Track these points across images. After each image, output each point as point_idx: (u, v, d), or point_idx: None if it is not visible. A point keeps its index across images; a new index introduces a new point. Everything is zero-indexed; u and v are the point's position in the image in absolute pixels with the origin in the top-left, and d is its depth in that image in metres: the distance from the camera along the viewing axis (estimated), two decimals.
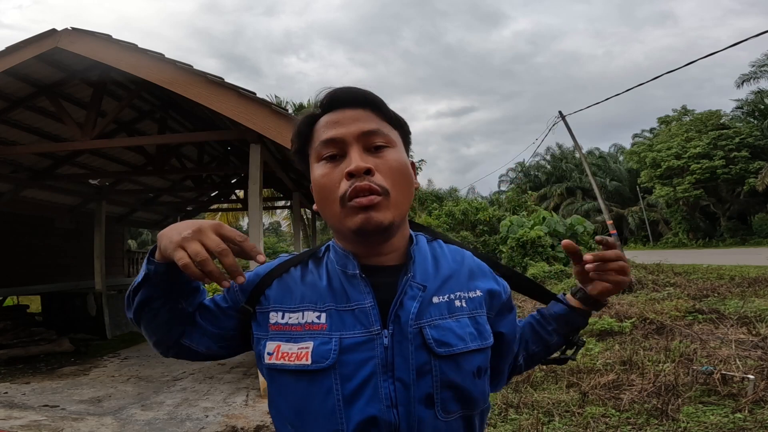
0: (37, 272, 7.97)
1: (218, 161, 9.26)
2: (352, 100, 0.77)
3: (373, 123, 0.76)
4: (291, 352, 0.72)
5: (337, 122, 0.75)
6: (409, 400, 0.69)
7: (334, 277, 0.78)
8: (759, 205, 25.90)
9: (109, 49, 4.36)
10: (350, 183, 0.70)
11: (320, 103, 0.79)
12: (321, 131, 0.77)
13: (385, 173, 0.73)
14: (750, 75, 24.73)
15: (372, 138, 0.75)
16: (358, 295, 0.74)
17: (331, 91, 0.78)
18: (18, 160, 6.89)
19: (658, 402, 3.22)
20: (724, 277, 8.98)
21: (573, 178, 36.59)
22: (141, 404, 4.31)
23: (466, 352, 0.73)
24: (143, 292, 0.75)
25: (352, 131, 0.74)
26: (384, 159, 0.74)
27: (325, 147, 0.75)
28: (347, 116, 0.76)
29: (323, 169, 0.75)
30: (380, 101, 0.78)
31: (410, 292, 0.74)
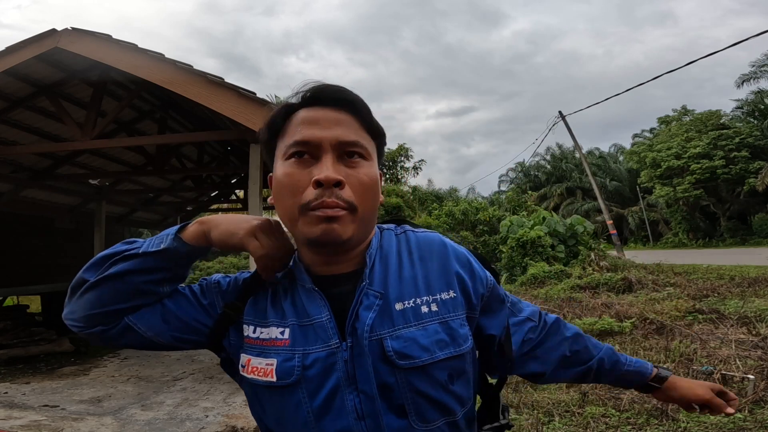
0: (37, 272, 7.97)
1: (218, 161, 9.26)
2: (336, 100, 0.72)
3: (352, 133, 0.71)
4: (260, 367, 0.71)
5: (316, 122, 0.70)
6: (375, 412, 0.68)
7: (297, 290, 0.75)
8: (759, 205, 25.89)
9: (109, 49, 4.36)
10: (317, 194, 0.67)
11: (301, 96, 0.74)
12: (296, 127, 0.72)
13: (355, 188, 0.69)
14: (750, 75, 24.74)
15: (348, 147, 0.70)
16: (315, 309, 0.72)
17: (317, 85, 0.74)
18: (18, 160, 6.89)
19: (658, 402, 3.22)
20: (724, 277, 8.97)
21: (573, 178, 36.58)
22: (141, 404, 4.32)
23: (434, 362, 0.69)
24: (136, 263, 0.71)
25: (329, 137, 0.69)
26: (356, 172, 0.70)
27: (297, 146, 0.70)
28: (327, 117, 0.71)
29: (289, 168, 0.70)
30: (365, 108, 0.74)
31: (366, 302, 0.71)
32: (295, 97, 0.75)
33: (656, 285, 8.18)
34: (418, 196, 21.07)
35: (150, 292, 0.74)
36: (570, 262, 10.93)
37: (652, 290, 7.77)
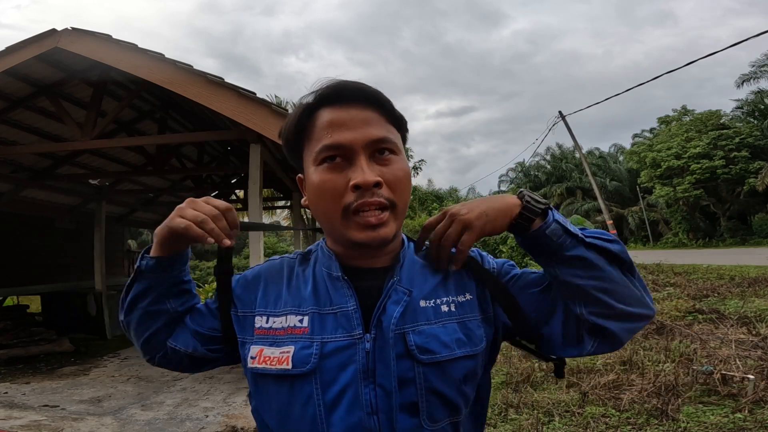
0: (37, 272, 7.97)
1: (218, 161, 9.26)
2: (360, 97, 0.71)
3: (381, 128, 0.71)
4: (273, 356, 0.71)
5: (344, 124, 0.70)
6: (390, 408, 0.67)
7: (320, 279, 0.76)
8: (759, 205, 25.89)
9: (109, 49, 4.36)
10: (357, 195, 0.68)
11: (322, 94, 0.72)
12: (324, 130, 0.71)
13: (391, 183, 0.70)
14: (750, 75, 24.73)
15: (379, 144, 0.70)
16: (341, 298, 0.73)
17: (338, 82, 0.72)
18: (18, 160, 6.88)
19: (658, 402, 3.22)
20: (724, 277, 8.98)
21: (573, 178, 36.57)
22: (141, 404, 4.32)
23: (452, 359, 0.70)
24: (136, 287, 0.79)
25: (360, 138, 0.69)
26: (390, 168, 0.71)
27: (329, 150, 0.70)
28: (354, 117, 0.70)
29: (325, 174, 0.70)
30: (388, 101, 0.74)
31: (395, 296, 0.72)
32: (312, 96, 0.73)
33: (656, 285, 8.18)
34: (418, 197, 21.08)
35: (159, 312, 0.80)
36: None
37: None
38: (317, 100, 0.72)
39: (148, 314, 0.80)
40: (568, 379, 3.89)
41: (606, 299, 0.69)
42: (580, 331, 0.73)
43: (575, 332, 0.73)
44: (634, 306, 0.71)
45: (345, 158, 0.70)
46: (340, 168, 0.70)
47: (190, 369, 0.86)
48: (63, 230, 8.76)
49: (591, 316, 0.70)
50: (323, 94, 0.72)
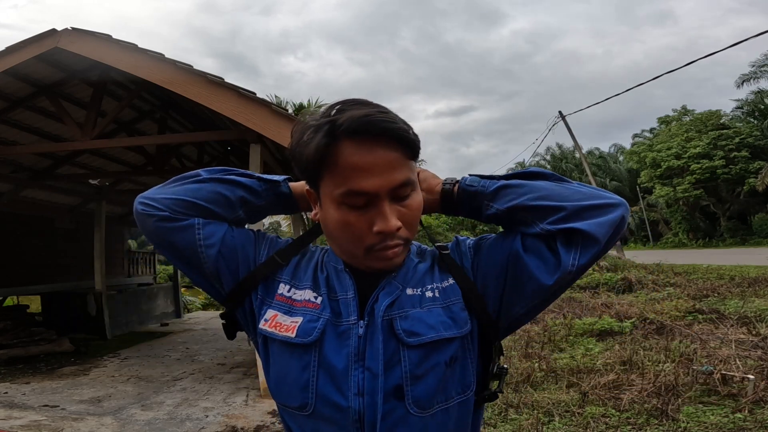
0: (37, 272, 7.97)
1: (218, 161, 9.25)
2: (385, 136, 0.68)
3: (404, 170, 0.70)
4: (283, 323, 0.76)
5: (369, 170, 0.68)
6: (375, 390, 0.71)
7: (331, 270, 0.82)
8: (759, 205, 25.90)
9: (109, 49, 4.36)
10: (379, 239, 0.71)
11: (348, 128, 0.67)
12: (347, 171, 0.68)
13: (408, 222, 0.73)
14: (750, 75, 24.73)
15: (401, 188, 0.71)
16: (342, 287, 0.78)
17: (366, 118, 0.67)
18: (18, 160, 6.89)
19: (658, 402, 3.22)
20: (724, 277, 8.98)
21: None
22: (141, 404, 4.31)
23: (438, 340, 0.73)
24: (248, 180, 0.84)
25: (385, 185, 0.69)
26: (408, 207, 0.73)
27: (353, 197, 0.69)
28: (379, 161, 0.68)
29: (348, 215, 0.71)
30: (412, 138, 0.71)
31: (388, 288, 0.77)
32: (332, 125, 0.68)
33: (656, 285, 8.19)
34: None
35: (236, 206, 0.83)
36: None
37: (652, 290, 7.78)
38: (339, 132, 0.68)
39: (229, 200, 0.82)
40: (568, 379, 3.89)
41: (551, 203, 0.73)
42: (554, 249, 0.73)
43: (550, 254, 0.74)
44: (587, 200, 0.73)
45: (368, 201, 0.70)
46: (362, 210, 0.71)
47: (168, 249, 0.82)
48: (63, 230, 8.76)
49: (549, 225, 0.73)
50: (349, 128, 0.67)
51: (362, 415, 0.71)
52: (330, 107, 0.71)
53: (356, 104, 0.70)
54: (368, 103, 0.71)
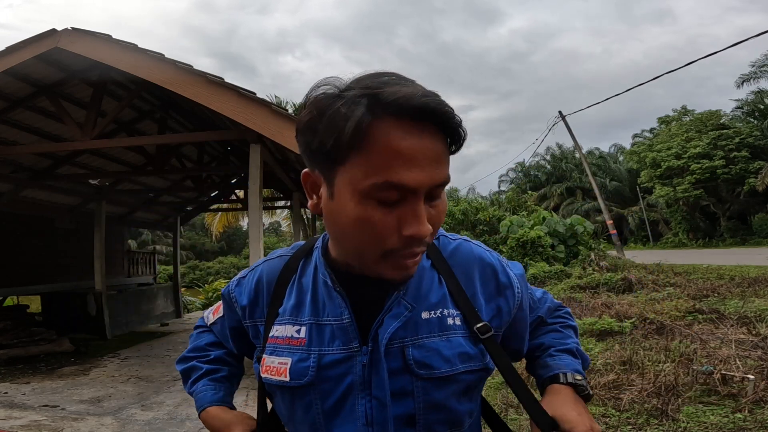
0: (37, 272, 7.97)
1: (218, 161, 9.26)
2: (438, 120, 0.58)
3: (446, 166, 0.61)
4: (273, 366, 0.71)
5: (415, 159, 0.56)
6: (385, 419, 0.66)
7: (319, 285, 0.72)
8: (759, 205, 25.89)
9: (109, 49, 4.36)
10: (405, 242, 0.60)
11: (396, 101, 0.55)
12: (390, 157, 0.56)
13: (436, 227, 0.63)
14: (750, 75, 24.73)
15: (439, 189, 0.61)
16: (336, 309, 0.69)
17: (418, 95, 0.56)
18: (18, 160, 6.89)
19: (658, 402, 3.22)
20: (724, 277, 8.97)
21: (573, 178, 36.58)
22: (141, 404, 4.31)
23: (452, 374, 0.68)
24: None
25: (428, 182, 0.58)
26: (437, 210, 0.62)
27: (391, 189, 0.57)
28: (427, 151, 0.57)
29: (372, 212, 0.59)
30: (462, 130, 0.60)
31: (395, 310, 0.68)
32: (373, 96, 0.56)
33: (656, 285, 8.18)
34: None
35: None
36: (570, 262, 10.93)
37: (652, 290, 7.77)
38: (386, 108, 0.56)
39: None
40: None
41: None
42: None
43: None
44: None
45: (402, 198, 0.59)
46: (390, 206, 0.59)
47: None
48: (63, 230, 8.75)
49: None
50: (400, 105, 0.55)
51: None
52: (359, 79, 0.59)
53: (399, 80, 0.59)
54: (409, 79, 0.60)
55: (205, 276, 25.69)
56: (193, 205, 11.55)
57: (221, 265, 28.40)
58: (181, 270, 13.28)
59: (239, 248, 37.20)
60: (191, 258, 32.86)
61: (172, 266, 12.22)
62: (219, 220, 20.48)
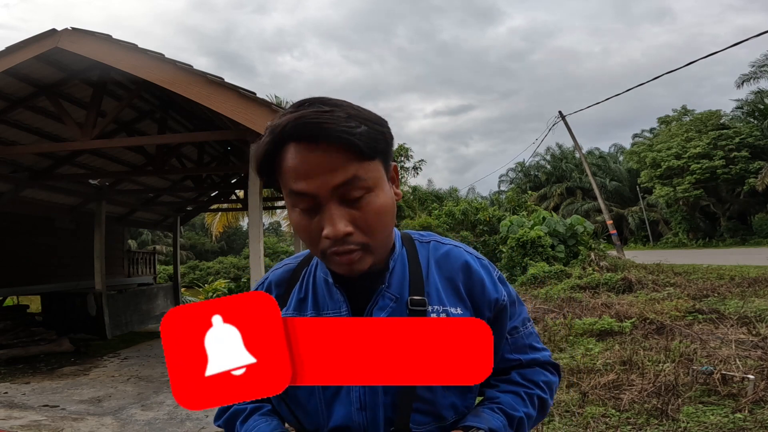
0: (37, 272, 7.97)
1: (218, 161, 9.26)
2: (321, 136, 0.65)
3: (347, 169, 0.66)
4: None
5: (306, 173, 0.66)
6: (376, 404, 0.73)
7: (319, 284, 0.81)
8: (759, 205, 25.89)
9: (109, 49, 4.36)
10: (330, 243, 0.68)
11: (282, 131, 0.66)
12: (289, 175, 0.67)
13: (364, 227, 0.68)
14: (750, 75, 24.73)
15: (347, 189, 0.66)
16: (334, 303, 0.78)
17: (297, 119, 0.65)
18: (18, 160, 6.89)
19: (658, 402, 3.22)
20: (724, 277, 8.97)
21: (573, 178, 36.58)
22: (141, 404, 4.32)
23: None
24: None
25: (323, 186, 0.66)
26: (363, 210, 0.68)
27: (296, 198, 0.68)
28: (316, 163, 0.65)
29: (299, 218, 0.70)
30: (353, 134, 0.65)
31: (381, 303, 0.76)
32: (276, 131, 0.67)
33: (656, 285, 8.18)
34: (418, 197, 21.06)
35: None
36: (570, 262, 10.93)
37: (652, 290, 7.77)
38: (279, 137, 0.67)
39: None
40: (568, 379, 3.89)
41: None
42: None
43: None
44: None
45: (315, 204, 0.68)
46: (312, 213, 0.69)
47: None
48: (63, 230, 8.75)
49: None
50: (286, 130, 0.66)
51: (365, 429, 0.73)
52: (291, 107, 0.71)
53: (303, 105, 0.68)
54: (320, 101, 0.68)
55: (205, 276, 25.68)
56: (193, 205, 11.54)
57: (221, 265, 28.39)
58: (181, 270, 13.29)
59: (239, 248, 37.19)
60: (191, 258, 32.86)
61: (172, 266, 12.22)
62: (219, 220, 20.48)
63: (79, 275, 8.79)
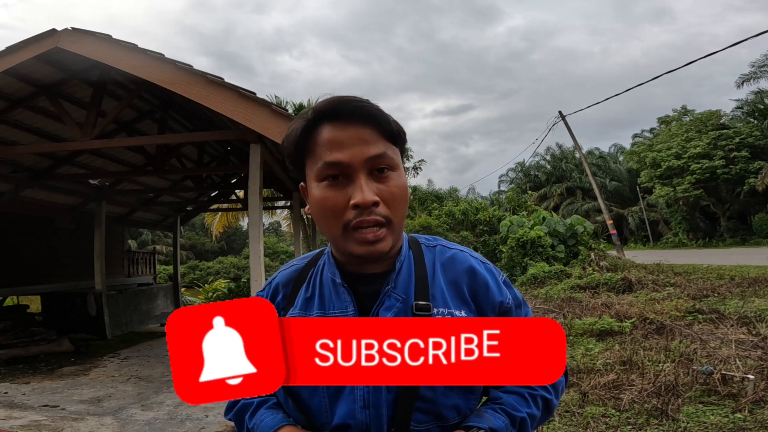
0: (37, 272, 7.97)
1: (218, 161, 9.26)
2: (356, 115, 0.74)
3: (379, 145, 0.74)
4: None
5: (341, 143, 0.73)
6: (379, 403, 0.73)
7: (326, 283, 0.83)
8: (759, 205, 25.89)
9: (109, 49, 4.35)
10: (356, 213, 0.72)
11: (320, 110, 0.76)
12: (323, 148, 0.74)
13: (389, 201, 0.74)
14: (750, 75, 24.71)
15: (377, 162, 0.74)
16: (341, 303, 0.79)
17: (334, 100, 0.75)
18: (18, 160, 6.88)
19: (658, 402, 3.22)
20: (724, 277, 8.97)
21: (573, 178, 36.58)
22: (141, 404, 4.32)
23: None
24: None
25: (358, 156, 0.73)
26: (388, 185, 0.74)
27: (329, 168, 0.74)
28: (351, 136, 0.73)
29: (326, 191, 0.74)
30: (385, 117, 0.76)
31: (387, 303, 0.78)
32: (312, 112, 0.77)
33: (656, 285, 8.18)
34: (418, 197, 21.07)
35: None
36: (570, 262, 10.93)
37: (652, 290, 7.77)
38: (316, 116, 0.76)
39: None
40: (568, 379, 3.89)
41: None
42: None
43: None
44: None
45: (345, 176, 0.74)
46: (340, 185, 0.74)
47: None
48: (63, 230, 8.75)
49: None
50: (322, 110, 0.75)
51: (368, 427, 0.74)
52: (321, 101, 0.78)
53: (336, 95, 0.77)
54: (350, 95, 0.76)
55: (205, 276, 25.67)
56: (193, 205, 11.54)
57: (221, 265, 28.38)
58: (181, 270, 13.28)
59: (239, 248, 37.19)
60: (191, 258, 32.85)
61: (172, 266, 12.21)
62: (219, 220, 20.47)
63: (79, 275, 8.79)
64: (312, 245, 13.77)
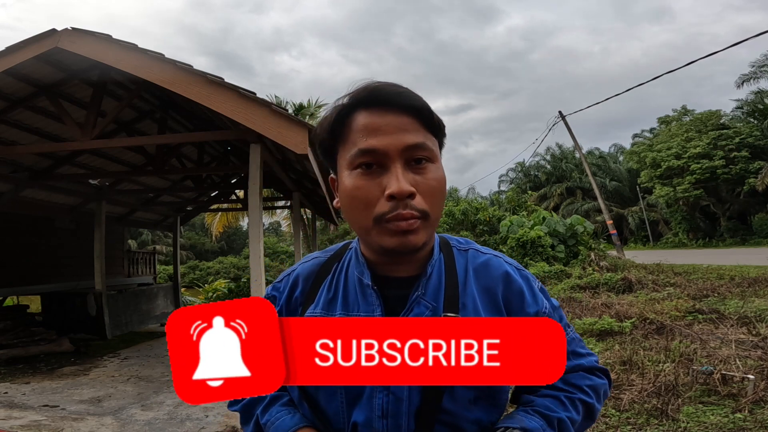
0: (37, 272, 7.97)
1: (218, 161, 9.26)
2: (395, 101, 0.70)
3: (417, 134, 0.69)
4: None
5: (379, 129, 0.69)
6: (399, 413, 0.70)
7: (351, 283, 0.79)
8: (759, 205, 25.89)
9: (109, 49, 4.35)
10: (391, 206, 0.67)
11: (357, 96, 0.71)
12: (358, 134, 0.70)
13: (426, 194, 0.69)
14: (750, 75, 24.72)
15: (415, 152, 0.69)
16: (368, 306, 0.75)
17: (372, 85, 0.71)
18: (18, 160, 6.88)
19: (658, 402, 3.22)
20: (724, 277, 8.97)
21: (573, 178, 36.57)
22: (141, 404, 4.31)
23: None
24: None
25: (395, 144, 0.68)
26: (425, 177, 0.70)
27: (363, 156, 0.69)
28: (390, 123, 0.69)
29: (359, 180, 0.69)
30: (426, 107, 0.71)
31: (416, 310, 0.73)
32: (348, 98, 0.72)
33: (656, 285, 8.18)
34: None
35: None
36: (570, 262, 10.93)
37: (652, 290, 7.77)
38: (352, 102, 0.71)
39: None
40: None
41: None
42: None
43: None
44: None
45: (380, 165, 0.69)
46: (374, 175, 0.69)
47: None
48: (63, 230, 8.75)
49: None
50: (359, 96, 0.71)
51: None
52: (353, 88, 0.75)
53: (374, 80, 0.73)
54: (389, 82, 0.73)
55: (205, 276, 25.67)
56: (193, 205, 11.54)
57: (221, 265, 28.38)
58: (181, 270, 13.28)
59: (239, 248, 37.19)
60: (191, 258, 32.84)
61: (172, 266, 12.21)
62: (219, 220, 20.49)
63: (79, 275, 8.78)
64: (312, 245, 13.75)
